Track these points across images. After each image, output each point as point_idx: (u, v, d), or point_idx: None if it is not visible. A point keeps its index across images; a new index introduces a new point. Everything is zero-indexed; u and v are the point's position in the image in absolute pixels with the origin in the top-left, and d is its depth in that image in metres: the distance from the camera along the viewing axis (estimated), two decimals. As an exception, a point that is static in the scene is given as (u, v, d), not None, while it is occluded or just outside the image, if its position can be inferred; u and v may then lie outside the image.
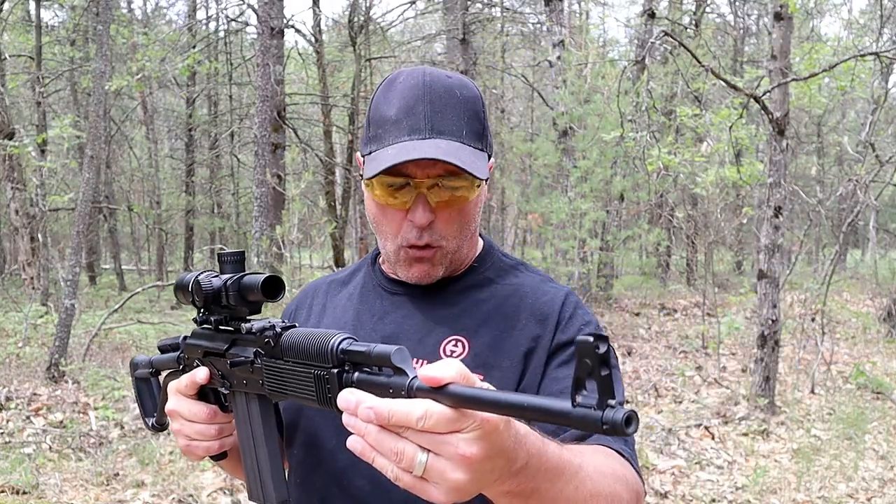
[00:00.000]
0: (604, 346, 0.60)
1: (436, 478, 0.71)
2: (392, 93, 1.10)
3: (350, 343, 0.81)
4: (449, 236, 1.14)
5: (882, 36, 8.60)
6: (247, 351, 0.98)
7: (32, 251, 11.58)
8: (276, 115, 9.37)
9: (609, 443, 1.02)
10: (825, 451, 5.49)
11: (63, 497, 4.49)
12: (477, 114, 1.12)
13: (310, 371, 0.84)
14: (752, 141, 8.67)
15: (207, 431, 1.07)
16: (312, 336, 0.85)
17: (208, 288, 1.02)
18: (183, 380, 1.07)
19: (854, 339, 9.95)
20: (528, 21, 17.11)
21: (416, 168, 1.07)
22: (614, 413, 0.59)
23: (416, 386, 0.72)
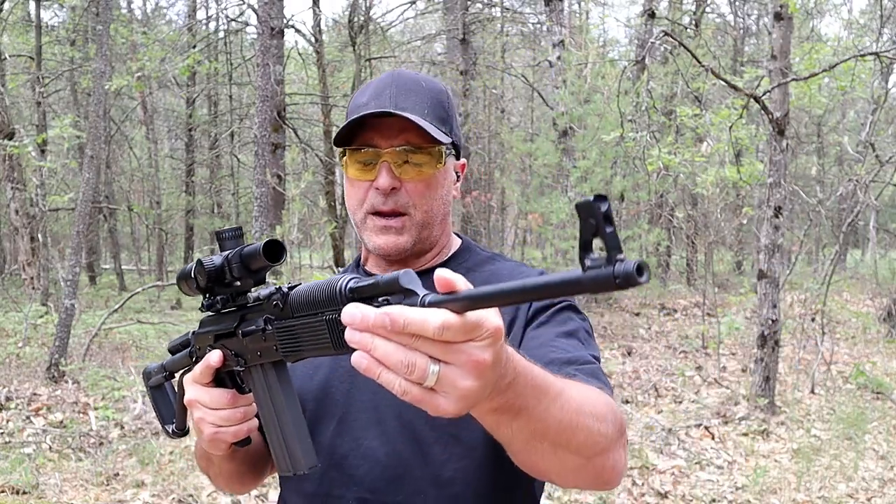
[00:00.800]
0: (604, 203, 0.60)
1: (447, 387, 0.70)
2: (367, 87, 1.22)
3: (357, 281, 0.80)
4: (416, 204, 1.18)
5: (882, 36, 8.60)
6: (257, 321, 0.96)
7: (32, 251, 11.58)
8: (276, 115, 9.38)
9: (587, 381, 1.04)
10: (825, 451, 5.49)
11: (63, 497, 4.49)
12: (441, 102, 1.20)
13: (321, 319, 0.82)
14: (752, 141, 8.67)
15: (233, 416, 1.05)
16: (319, 286, 0.84)
17: (210, 265, 1.01)
18: (197, 368, 1.05)
19: (854, 339, 9.95)
20: (528, 21, 17.11)
21: (380, 139, 1.16)
22: (625, 265, 0.58)
23: (428, 301, 0.71)
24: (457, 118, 1.26)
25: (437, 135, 1.15)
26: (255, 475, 1.31)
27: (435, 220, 1.22)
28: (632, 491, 4.71)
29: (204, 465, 1.28)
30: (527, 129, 16.93)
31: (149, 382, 1.30)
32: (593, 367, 1.10)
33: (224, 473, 1.24)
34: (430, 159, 1.18)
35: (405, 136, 1.16)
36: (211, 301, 1.07)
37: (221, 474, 1.24)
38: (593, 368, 1.10)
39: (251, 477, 1.30)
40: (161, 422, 1.31)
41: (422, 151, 1.17)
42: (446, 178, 1.23)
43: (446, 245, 1.31)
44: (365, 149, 1.17)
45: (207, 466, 1.26)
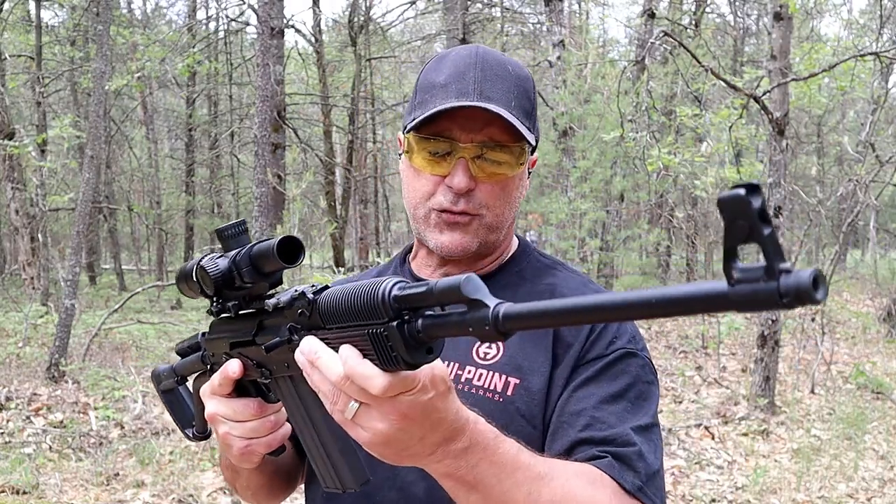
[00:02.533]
0: (758, 197, 0.46)
1: (363, 423, 0.72)
2: (443, 62, 1.08)
3: (402, 287, 0.69)
4: (489, 206, 1.06)
5: (882, 36, 8.59)
6: (279, 330, 0.85)
7: (32, 251, 11.58)
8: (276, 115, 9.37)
9: (606, 468, 0.93)
10: (825, 451, 5.49)
11: (63, 497, 4.49)
12: (527, 92, 1.08)
13: (363, 332, 0.71)
14: (752, 141, 8.67)
15: (263, 426, 0.95)
16: (354, 292, 0.72)
17: (216, 271, 0.89)
18: (215, 379, 0.95)
19: (854, 339, 9.95)
20: (528, 21, 17.11)
21: (460, 131, 1.03)
22: (796, 278, 0.45)
23: (502, 313, 0.61)
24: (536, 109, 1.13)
25: (525, 133, 1.03)
26: (286, 486, 1.21)
27: (505, 224, 1.10)
28: (632, 491, 4.71)
29: (230, 477, 1.16)
30: (527, 129, 16.91)
31: (160, 387, 1.22)
32: (628, 451, 0.95)
33: (253, 486, 1.14)
34: (511, 158, 1.05)
35: (489, 130, 1.03)
36: (221, 306, 0.96)
37: (250, 487, 1.14)
38: (627, 452, 0.95)
39: (282, 489, 1.20)
40: (180, 427, 1.22)
41: (503, 149, 1.04)
42: (523, 178, 1.12)
43: (506, 249, 1.18)
44: (440, 139, 1.04)
45: (234, 479, 1.15)
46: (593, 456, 0.94)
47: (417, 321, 0.68)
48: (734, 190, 0.47)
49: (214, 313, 0.97)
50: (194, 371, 1.12)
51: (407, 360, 0.69)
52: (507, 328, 0.61)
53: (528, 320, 0.60)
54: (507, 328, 0.61)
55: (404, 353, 0.68)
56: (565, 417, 0.99)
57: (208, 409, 0.96)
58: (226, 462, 1.12)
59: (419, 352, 0.69)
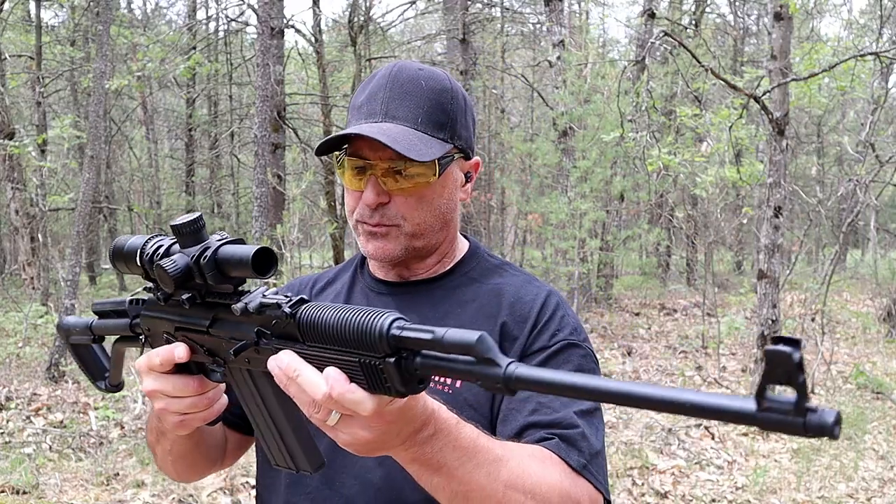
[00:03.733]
0: (798, 352, 0.55)
1: (344, 430, 0.78)
2: (367, 84, 1.16)
3: (402, 327, 0.71)
4: (406, 217, 1.13)
5: (882, 36, 8.59)
6: (241, 328, 0.85)
7: (32, 251, 11.58)
8: (276, 115, 9.37)
9: (554, 448, 1.00)
10: (825, 451, 5.49)
11: (63, 497, 4.49)
12: (441, 104, 1.13)
13: (352, 359, 0.74)
14: (752, 141, 8.67)
15: (201, 402, 0.97)
16: (347, 321, 0.73)
17: (175, 270, 0.86)
18: (155, 358, 0.94)
19: (854, 339, 9.95)
20: (528, 21, 17.11)
21: (369, 151, 1.10)
22: (820, 417, 0.54)
23: (516, 376, 0.64)
24: (465, 116, 1.17)
25: (413, 153, 1.07)
26: (208, 463, 1.24)
27: (430, 230, 1.16)
28: (632, 491, 4.71)
29: (153, 440, 1.17)
30: (527, 129, 16.94)
31: (69, 339, 1.22)
32: (572, 433, 1.03)
33: (175, 453, 1.15)
34: (425, 170, 1.10)
35: (392, 149, 1.07)
36: (167, 294, 0.95)
37: (171, 452, 1.15)
38: (572, 434, 1.03)
39: (202, 463, 1.23)
40: (90, 378, 1.24)
41: (414, 163, 1.09)
42: (445, 187, 1.15)
43: (451, 250, 1.24)
44: (356, 158, 1.12)
45: (156, 441, 1.15)
46: (541, 438, 1.02)
47: (415, 359, 0.72)
48: (780, 346, 0.54)
49: (161, 300, 0.96)
50: (115, 334, 1.13)
51: (400, 390, 0.73)
52: (517, 387, 0.65)
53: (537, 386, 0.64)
54: (517, 387, 0.65)
55: (399, 385, 0.72)
56: (514, 404, 1.06)
57: (146, 385, 0.97)
58: (152, 424, 1.14)
59: (412, 384, 0.73)
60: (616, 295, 13.27)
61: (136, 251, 0.94)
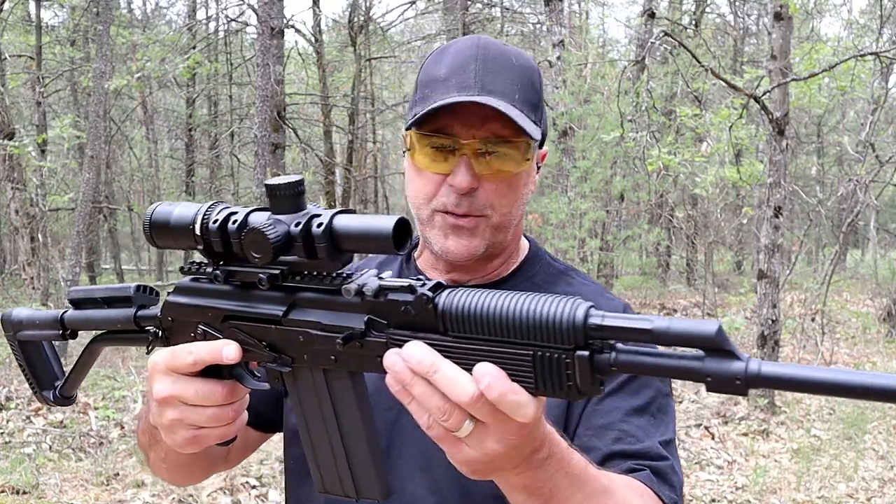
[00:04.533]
0: None
1: (475, 444, 0.67)
2: (444, 55, 1.03)
3: (602, 316, 0.61)
4: (494, 206, 1.00)
5: (882, 36, 8.59)
6: (341, 317, 0.73)
7: (32, 251, 11.58)
8: (276, 115, 9.37)
9: (647, 481, 0.92)
10: (825, 451, 5.49)
11: (63, 497, 4.49)
12: (533, 84, 1.03)
13: (522, 353, 0.63)
14: (752, 141, 8.67)
15: (224, 415, 0.81)
16: (521, 304, 0.63)
17: (276, 237, 0.72)
18: (186, 355, 0.79)
19: (854, 339, 9.95)
20: (528, 21, 17.11)
21: (461, 127, 0.97)
22: None
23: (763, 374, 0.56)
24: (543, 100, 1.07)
25: (529, 128, 0.96)
26: (209, 467, 1.10)
27: (512, 223, 1.04)
28: (632, 491, 4.72)
29: (145, 443, 1.01)
30: (527, 129, 16.92)
31: (17, 335, 1.00)
32: (662, 466, 0.95)
33: (170, 461, 1.00)
34: (517, 154, 0.99)
35: (491, 125, 0.97)
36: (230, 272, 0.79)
37: (167, 461, 0.99)
38: (662, 467, 0.95)
39: (205, 469, 1.09)
40: (35, 387, 1.02)
41: (508, 144, 0.98)
42: (530, 175, 1.05)
43: (515, 251, 1.12)
44: (441, 135, 0.98)
45: (150, 445, 1.00)
46: (630, 469, 0.93)
47: (612, 353, 0.62)
48: None
49: (220, 279, 0.80)
50: (107, 328, 0.94)
51: (581, 390, 0.63)
52: (758, 386, 0.57)
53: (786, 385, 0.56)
54: (758, 386, 0.57)
55: (583, 383, 0.62)
56: (593, 430, 0.98)
57: (160, 389, 0.79)
58: (145, 426, 0.98)
59: (595, 384, 0.63)
60: (616, 295, 13.26)
61: (193, 218, 0.78)
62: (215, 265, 0.80)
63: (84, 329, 0.97)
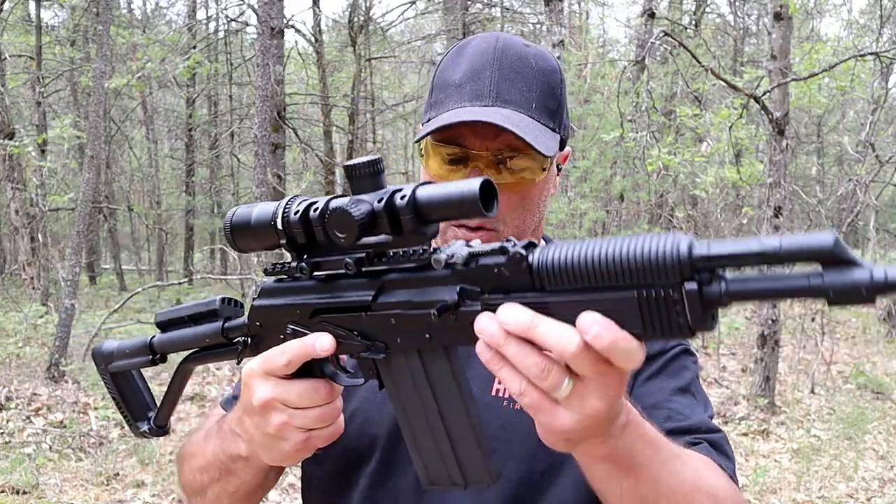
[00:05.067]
0: None
1: (575, 403, 0.63)
2: (461, 56, 1.00)
3: (707, 244, 0.57)
4: (507, 219, 0.98)
5: (882, 36, 8.60)
6: (429, 293, 0.71)
7: (32, 251, 11.59)
8: (276, 115, 9.37)
9: (706, 453, 0.93)
10: (825, 451, 5.50)
11: (63, 497, 4.49)
12: (552, 89, 1.00)
13: (626, 296, 0.60)
14: (752, 141, 8.67)
15: (330, 414, 0.80)
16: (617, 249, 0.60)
17: (360, 213, 0.70)
18: (280, 356, 0.78)
19: (854, 339, 9.95)
20: (528, 21, 17.11)
21: (474, 138, 0.95)
22: None
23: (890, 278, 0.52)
24: (566, 101, 1.05)
25: (543, 144, 0.94)
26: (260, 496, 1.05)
27: (528, 230, 1.01)
28: (632, 491, 4.72)
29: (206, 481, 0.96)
30: (527, 129, 16.92)
31: (108, 367, 1.00)
32: (718, 438, 0.97)
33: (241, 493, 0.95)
34: (533, 164, 0.96)
35: (505, 137, 0.94)
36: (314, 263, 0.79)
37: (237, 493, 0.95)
38: (718, 439, 0.96)
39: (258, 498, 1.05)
40: (129, 419, 1.01)
41: (523, 155, 0.95)
42: (547, 183, 1.01)
43: None
44: (453, 146, 0.96)
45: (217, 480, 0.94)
46: (688, 444, 0.92)
47: (721, 283, 0.58)
48: None
49: (305, 271, 0.79)
50: (196, 347, 0.93)
51: (693, 328, 0.59)
52: (885, 293, 0.53)
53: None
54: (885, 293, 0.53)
55: (695, 320, 0.59)
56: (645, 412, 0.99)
57: (261, 393, 0.79)
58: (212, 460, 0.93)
59: (706, 319, 0.59)
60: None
61: (273, 213, 0.77)
62: (299, 259, 0.80)
63: (174, 350, 0.95)
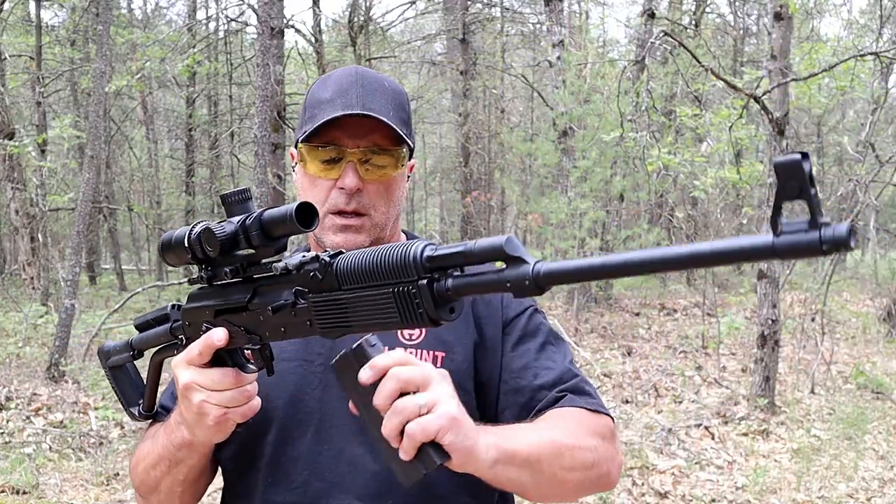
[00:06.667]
0: (807, 162, 0.55)
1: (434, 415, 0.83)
2: (327, 82, 1.20)
3: (434, 248, 0.74)
4: (377, 206, 1.19)
5: (882, 36, 8.58)
6: (282, 294, 0.88)
7: (32, 251, 11.59)
8: (276, 115, 9.37)
9: (570, 403, 1.15)
10: (825, 451, 5.50)
11: (63, 497, 4.49)
12: (402, 104, 1.21)
13: (386, 290, 0.76)
14: (752, 141, 8.66)
15: (241, 396, 0.97)
16: (381, 253, 0.77)
17: (222, 234, 0.90)
18: (194, 348, 0.96)
19: (854, 339, 9.95)
20: (528, 21, 17.11)
21: (347, 139, 1.15)
22: (835, 229, 0.54)
23: (543, 271, 0.66)
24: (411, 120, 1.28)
25: (405, 138, 1.17)
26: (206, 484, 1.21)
27: (390, 221, 1.22)
28: (632, 491, 4.72)
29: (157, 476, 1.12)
30: (527, 129, 16.92)
31: (107, 362, 1.22)
32: (577, 382, 1.19)
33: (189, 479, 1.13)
34: (393, 161, 1.18)
35: (372, 136, 1.16)
36: (212, 272, 0.98)
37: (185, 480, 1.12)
38: (577, 383, 1.19)
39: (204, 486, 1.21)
40: (124, 405, 1.23)
41: (386, 153, 1.17)
42: (403, 180, 1.24)
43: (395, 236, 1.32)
44: (330, 147, 1.16)
45: (168, 472, 1.11)
46: (555, 399, 1.16)
47: (447, 280, 0.73)
48: (791, 155, 0.55)
49: (205, 279, 0.99)
50: (157, 344, 1.13)
51: (432, 316, 0.74)
52: (545, 283, 0.66)
53: (565, 276, 0.65)
54: (545, 283, 0.66)
55: (431, 310, 0.74)
56: (516, 373, 1.19)
57: (183, 378, 0.96)
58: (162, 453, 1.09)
59: (444, 309, 0.74)
60: (616, 295, 13.26)
61: (184, 235, 0.97)
62: (201, 270, 0.99)
63: (145, 348, 1.18)
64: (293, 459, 1.14)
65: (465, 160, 15.27)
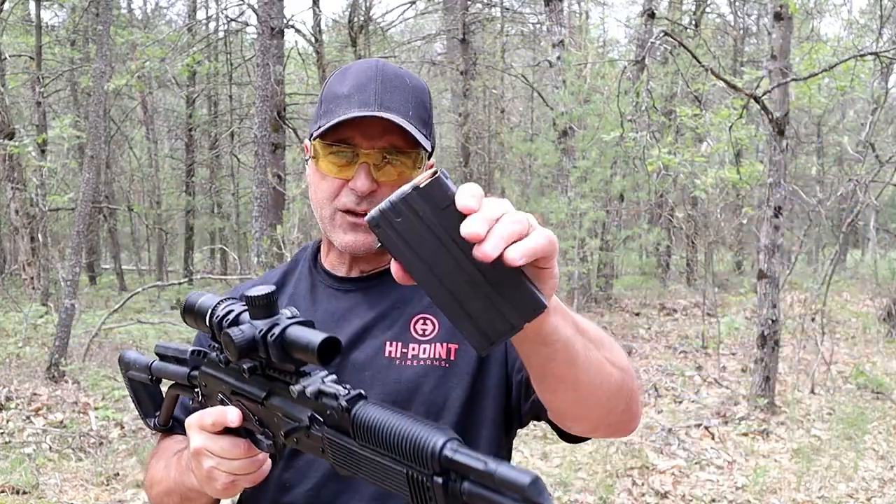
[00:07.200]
0: None
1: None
2: (346, 75, 1.16)
3: (456, 449, 0.69)
4: None
5: (882, 36, 8.59)
6: (296, 410, 0.86)
7: (32, 251, 11.59)
8: (276, 115, 9.37)
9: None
10: (825, 451, 5.50)
11: (63, 497, 4.49)
12: (423, 103, 1.16)
13: (399, 469, 0.73)
14: (752, 141, 8.67)
15: (250, 465, 0.96)
16: (401, 427, 0.73)
17: (241, 341, 0.86)
18: (206, 417, 0.95)
19: (854, 339, 9.95)
20: (528, 21, 17.12)
21: (362, 138, 1.11)
22: None
23: None
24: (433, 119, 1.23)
25: (421, 140, 1.12)
26: None
27: None
28: (632, 491, 4.72)
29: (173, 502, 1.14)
30: (527, 129, 16.93)
31: (127, 373, 1.24)
32: None
33: None
34: (410, 162, 1.14)
35: (389, 137, 1.11)
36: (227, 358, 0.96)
37: None
38: None
39: None
40: (142, 414, 1.26)
41: (402, 155, 1.13)
42: None
43: None
44: (344, 146, 1.12)
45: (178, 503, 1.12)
46: None
47: (463, 483, 0.69)
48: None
49: (222, 361, 0.97)
50: (172, 380, 1.13)
51: None
52: None
53: None
54: None
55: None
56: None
57: (195, 443, 0.96)
58: (174, 486, 1.10)
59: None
60: (616, 295, 13.27)
61: (207, 312, 0.95)
62: (220, 351, 0.98)
63: (162, 378, 1.18)
64: (307, 461, 1.14)
65: (465, 160, 15.27)
